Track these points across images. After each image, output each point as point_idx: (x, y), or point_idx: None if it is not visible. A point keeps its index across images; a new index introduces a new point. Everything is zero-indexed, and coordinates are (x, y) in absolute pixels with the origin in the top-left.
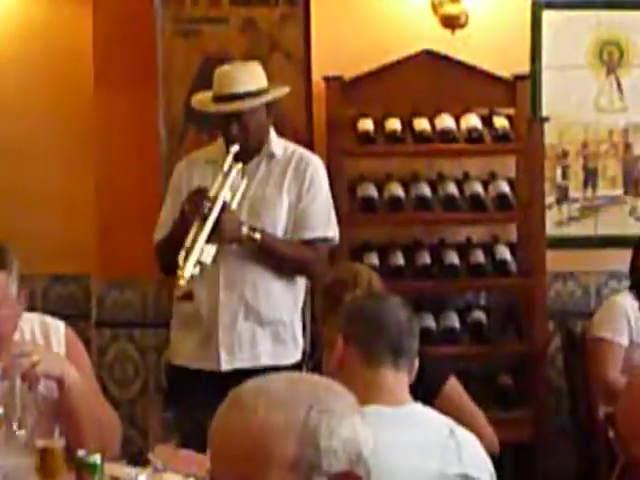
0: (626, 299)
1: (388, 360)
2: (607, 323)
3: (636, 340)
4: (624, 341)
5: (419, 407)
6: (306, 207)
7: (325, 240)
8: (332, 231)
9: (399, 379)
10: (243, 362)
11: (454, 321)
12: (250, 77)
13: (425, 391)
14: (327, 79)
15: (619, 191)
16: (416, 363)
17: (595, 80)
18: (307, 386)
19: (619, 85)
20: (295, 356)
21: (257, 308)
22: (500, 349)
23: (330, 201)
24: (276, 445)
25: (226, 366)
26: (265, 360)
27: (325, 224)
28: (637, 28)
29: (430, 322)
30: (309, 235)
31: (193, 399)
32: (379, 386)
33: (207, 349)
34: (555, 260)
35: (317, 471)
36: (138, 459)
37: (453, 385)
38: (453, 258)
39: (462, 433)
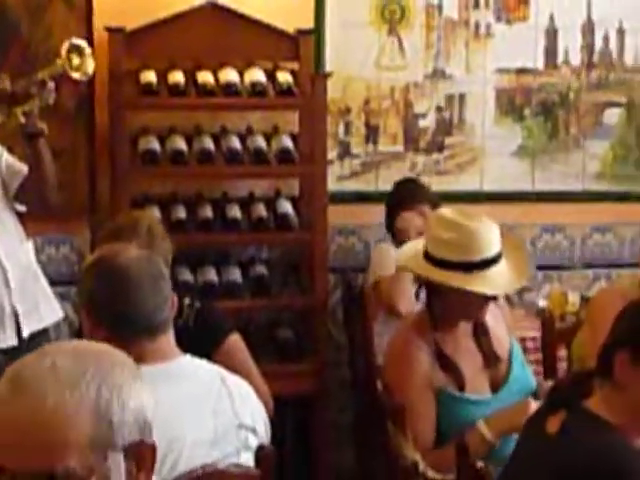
0: (391, 247)
1: (144, 338)
2: (379, 266)
3: None
4: None
5: (188, 359)
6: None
7: None
8: None
9: (163, 341)
10: (32, 327)
11: (236, 275)
12: None
13: (205, 343)
14: (109, 30)
15: (399, 147)
16: (175, 301)
17: (377, 38)
18: (93, 360)
19: (400, 44)
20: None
21: (35, 269)
22: (281, 303)
23: None
24: (72, 429)
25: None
26: (48, 320)
27: None
28: None
29: (212, 276)
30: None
31: None
32: (139, 354)
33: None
34: (336, 214)
35: (113, 447)
36: None
37: (235, 340)
38: (236, 212)
39: (234, 382)
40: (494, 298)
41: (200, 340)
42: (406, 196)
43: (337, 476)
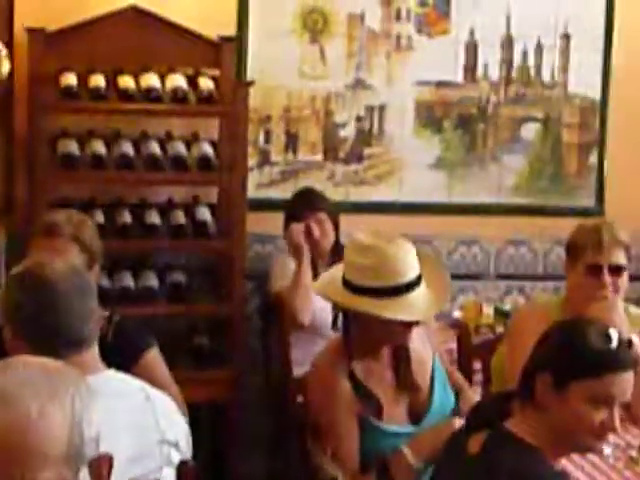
0: (289, 259)
1: (69, 351)
2: (278, 278)
3: None
4: None
5: (112, 373)
6: None
7: None
8: None
9: (88, 355)
10: None
11: (153, 281)
12: None
13: (123, 358)
14: (30, 30)
15: (319, 156)
16: (101, 316)
17: (299, 46)
18: (60, 375)
19: (322, 53)
20: None
21: None
22: (198, 310)
23: None
24: (52, 441)
25: None
26: None
27: None
28: None
29: (129, 281)
30: None
31: None
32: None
33: None
34: (254, 222)
35: (82, 460)
36: None
37: (153, 356)
38: (154, 218)
39: (158, 397)
40: (417, 323)
41: (119, 354)
42: (299, 206)
43: None
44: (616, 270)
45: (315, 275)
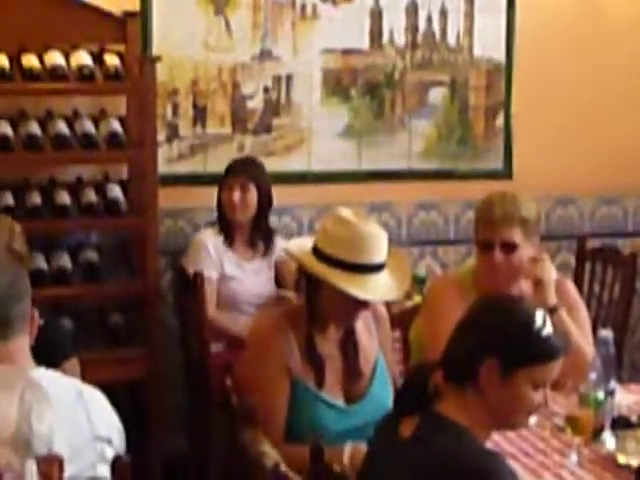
0: (209, 235)
1: None
2: (192, 259)
3: (224, 273)
4: (214, 275)
5: (42, 371)
6: None
7: None
8: None
9: (15, 346)
10: None
11: (66, 261)
12: None
13: (41, 363)
14: None
15: (228, 129)
16: (36, 319)
17: (204, 19)
18: (12, 370)
19: (227, 24)
20: None
21: None
22: (112, 288)
23: None
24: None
25: None
26: None
27: None
28: None
29: (41, 263)
30: None
31: None
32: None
33: None
34: (165, 197)
35: (29, 450)
36: None
37: (71, 365)
38: (64, 198)
39: (90, 394)
40: (366, 306)
41: (38, 359)
42: (228, 173)
43: (169, 459)
44: (509, 247)
45: (231, 245)
